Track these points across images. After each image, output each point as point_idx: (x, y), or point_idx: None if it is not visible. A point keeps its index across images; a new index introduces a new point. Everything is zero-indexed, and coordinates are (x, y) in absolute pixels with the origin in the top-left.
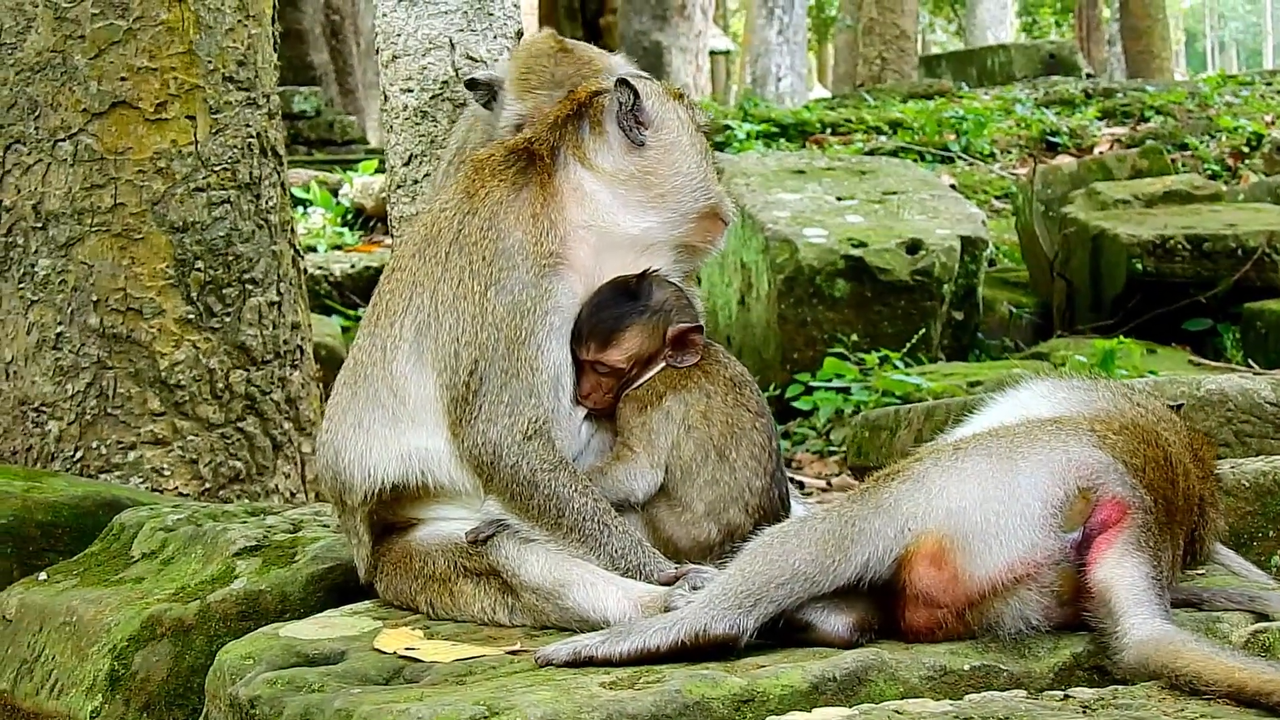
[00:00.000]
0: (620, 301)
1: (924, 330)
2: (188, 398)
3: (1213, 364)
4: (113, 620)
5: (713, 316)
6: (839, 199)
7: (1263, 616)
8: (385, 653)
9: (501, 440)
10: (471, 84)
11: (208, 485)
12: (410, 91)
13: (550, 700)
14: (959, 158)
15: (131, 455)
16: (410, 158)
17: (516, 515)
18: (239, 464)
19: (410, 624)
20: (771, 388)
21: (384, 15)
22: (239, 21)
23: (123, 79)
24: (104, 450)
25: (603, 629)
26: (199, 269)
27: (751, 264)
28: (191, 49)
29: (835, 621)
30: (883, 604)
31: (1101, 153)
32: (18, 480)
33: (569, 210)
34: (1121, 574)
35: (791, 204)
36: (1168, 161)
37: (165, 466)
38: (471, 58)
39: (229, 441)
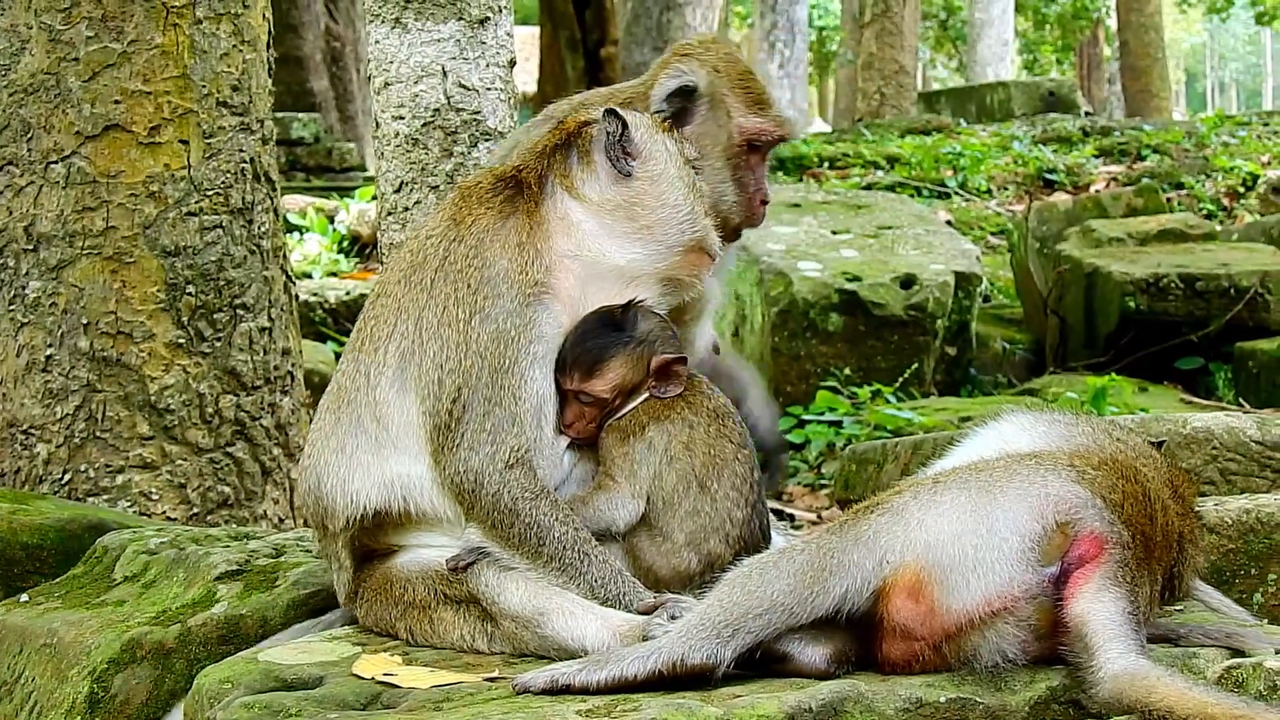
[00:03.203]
0: (605, 332)
1: (917, 365)
2: (177, 422)
3: (1204, 402)
4: (93, 643)
5: None
6: (834, 233)
7: (1239, 653)
8: (363, 678)
9: (483, 468)
10: None
11: (196, 510)
12: (402, 119)
13: None
14: (956, 193)
15: (120, 479)
16: (401, 185)
17: (497, 543)
18: (227, 489)
19: (389, 650)
20: None
21: (377, 43)
22: (234, 46)
23: (116, 102)
24: (92, 473)
25: (581, 657)
26: (190, 293)
27: (746, 296)
28: (185, 73)
29: (812, 653)
30: (860, 636)
31: (1098, 191)
32: (3, 502)
33: (555, 239)
34: (1098, 609)
35: (786, 237)
36: (1163, 200)
37: (153, 490)
38: (464, 86)
39: (218, 466)
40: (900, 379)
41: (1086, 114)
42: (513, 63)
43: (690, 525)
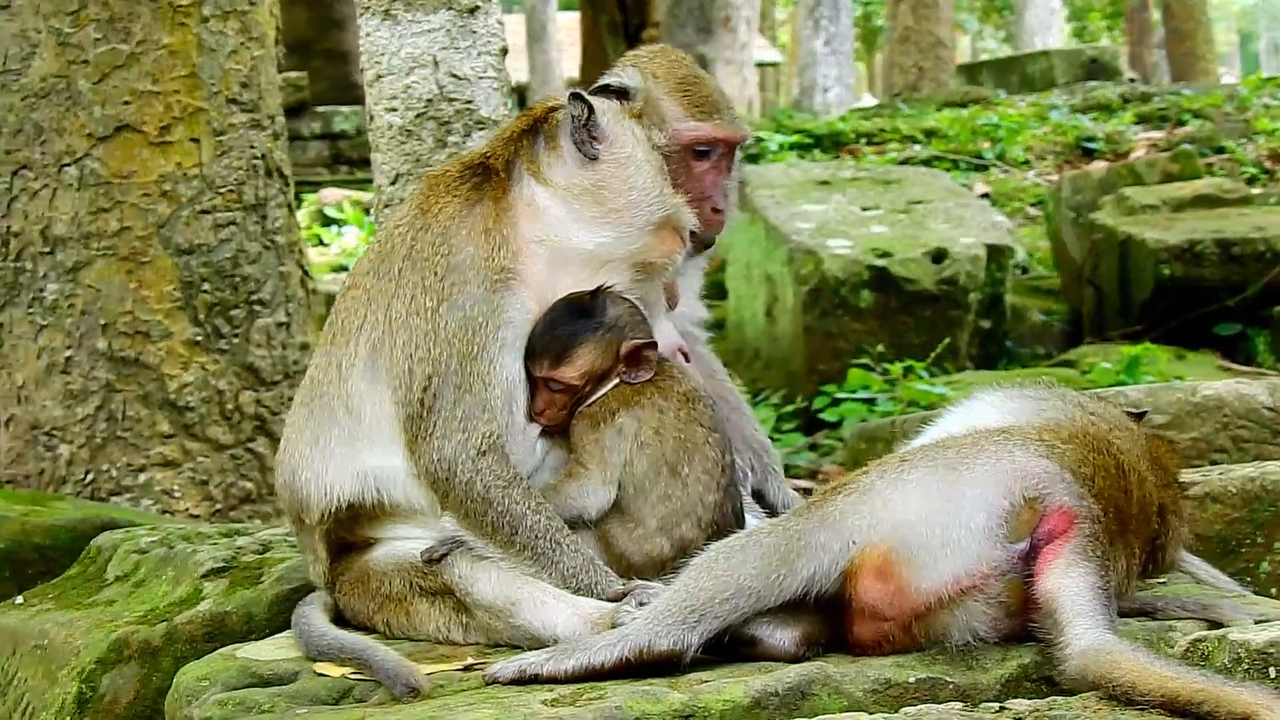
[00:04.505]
0: (574, 318)
1: (949, 339)
2: (197, 419)
3: (1242, 369)
4: (82, 643)
5: (740, 329)
6: (864, 209)
7: (1216, 624)
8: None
9: (456, 456)
10: None
11: (218, 506)
12: (395, 110)
13: (490, 718)
14: (993, 165)
15: (142, 478)
16: (396, 176)
17: (471, 532)
18: (249, 485)
19: None
20: (798, 399)
21: (368, 35)
22: (241, 44)
23: (126, 103)
24: (114, 473)
25: (553, 646)
26: (206, 291)
27: (777, 276)
28: (194, 72)
29: (781, 636)
30: (830, 618)
31: (1138, 158)
32: (17, 504)
33: (521, 225)
34: (1067, 584)
35: (816, 215)
36: (1199, 165)
37: (176, 488)
38: (455, 76)
39: (239, 462)
40: (933, 354)
41: (1130, 80)
42: (504, 51)
43: (662, 510)
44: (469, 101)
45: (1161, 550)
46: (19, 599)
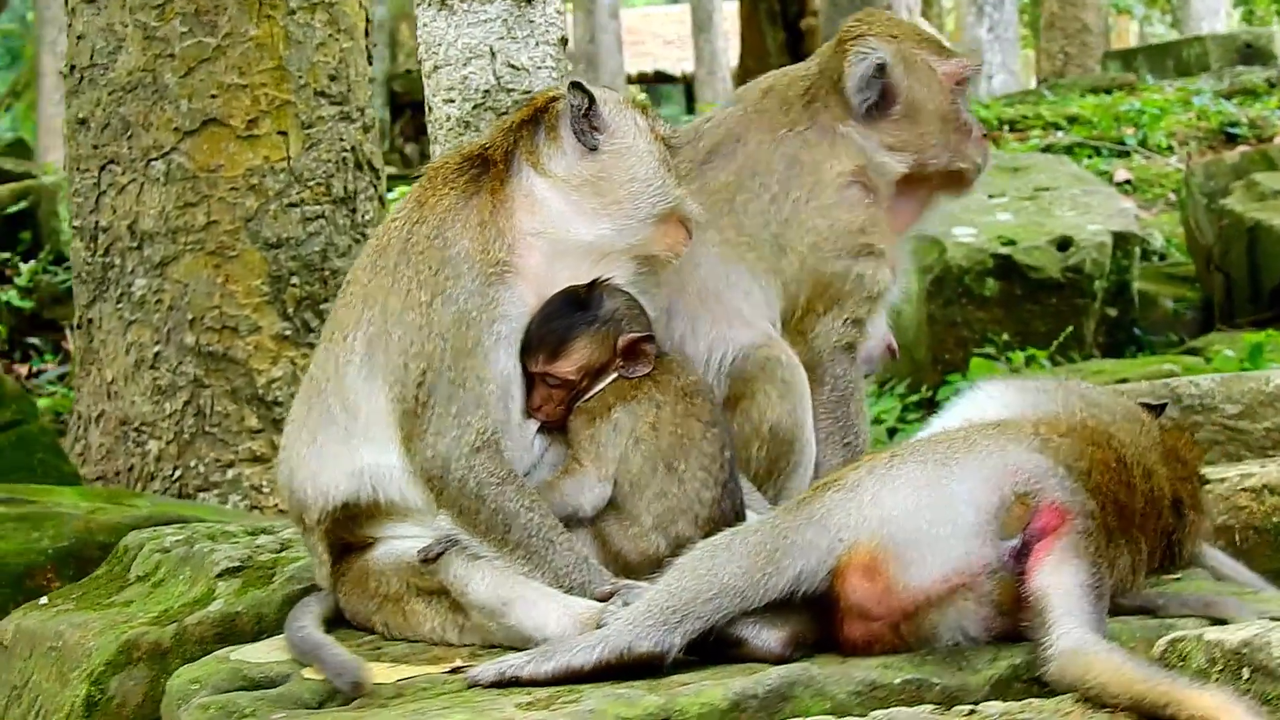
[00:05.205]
0: (569, 311)
1: (1074, 328)
2: (286, 414)
3: None
4: (93, 645)
5: None
6: (989, 197)
7: (1220, 622)
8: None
9: (450, 453)
10: None
11: None
12: (452, 102)
13: None
14: (1136, 151)
15: (230, 473)
16: None
17: (466, 530)
18: None
19: (360, 645)
20: (923, 389)
21: (424, 26)
22: (330, 36)
23: (213, 96)
24: (202, 469)
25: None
26: (294, 285)
27: None
28: (281, 64)
29: (768, 636)
30: (820, 617)
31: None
32: (86, 501)
33: (518, 217)
34: (1057, 582)
35: None
36: None
37: (264, 484)
38: (513, 66)
39: None
40: (1055, 343)
41: None
42: (564, 40)
43: (658, 507)
44: (527, 92)
45: (1178, 545)
46: (43, 600)
